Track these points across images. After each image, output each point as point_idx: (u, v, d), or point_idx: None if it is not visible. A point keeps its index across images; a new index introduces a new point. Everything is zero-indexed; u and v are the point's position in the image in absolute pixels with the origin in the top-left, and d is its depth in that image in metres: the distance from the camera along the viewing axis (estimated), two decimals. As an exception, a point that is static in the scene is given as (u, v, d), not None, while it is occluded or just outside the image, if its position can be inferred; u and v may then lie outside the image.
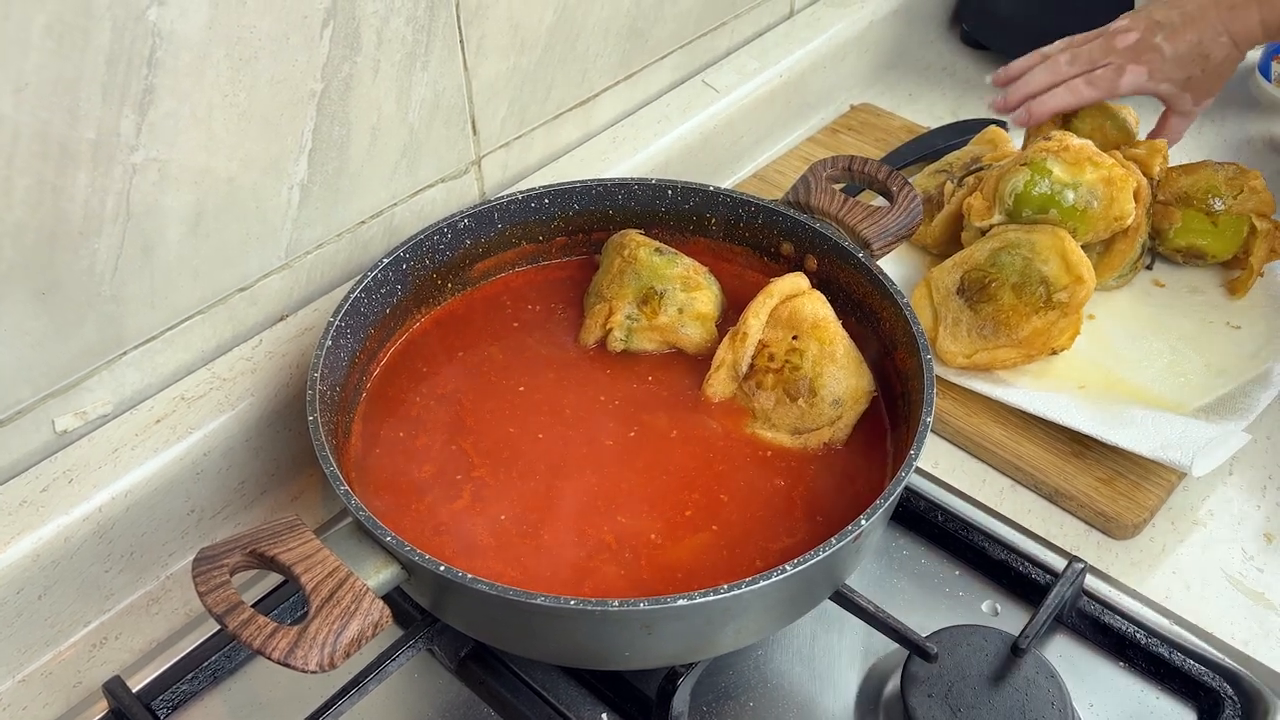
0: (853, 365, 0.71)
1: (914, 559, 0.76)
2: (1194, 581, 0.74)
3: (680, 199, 0.81)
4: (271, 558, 0.55)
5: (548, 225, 0.82)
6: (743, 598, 0.55)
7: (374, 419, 0.72)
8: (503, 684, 0.68)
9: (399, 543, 0.57)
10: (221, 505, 0.75)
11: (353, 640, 0.53)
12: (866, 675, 0.69)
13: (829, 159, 0.81)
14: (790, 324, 0.72)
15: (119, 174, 0.64)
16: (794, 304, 0.73)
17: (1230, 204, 0.90)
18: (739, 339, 0.73)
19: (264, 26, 0.67)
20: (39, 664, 0.69)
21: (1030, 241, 0.83)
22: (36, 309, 0.64)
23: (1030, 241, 0.83)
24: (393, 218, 0.83)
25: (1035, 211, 0.85)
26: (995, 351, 0.83)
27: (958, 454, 0.82)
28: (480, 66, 0.82)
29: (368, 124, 0.76)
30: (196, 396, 0.73)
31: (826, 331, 0.71)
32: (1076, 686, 0.67)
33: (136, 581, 0.73)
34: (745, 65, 1.07)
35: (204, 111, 0.67)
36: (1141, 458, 0.76)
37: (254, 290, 0.76)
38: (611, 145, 0.96)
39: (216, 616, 0.52)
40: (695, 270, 0.77)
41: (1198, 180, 0.91)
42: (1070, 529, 0.77)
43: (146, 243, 0.68)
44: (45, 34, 0.58)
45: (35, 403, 0.67)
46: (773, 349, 0.72)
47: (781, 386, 0.71)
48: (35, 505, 0.66)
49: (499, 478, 0.69)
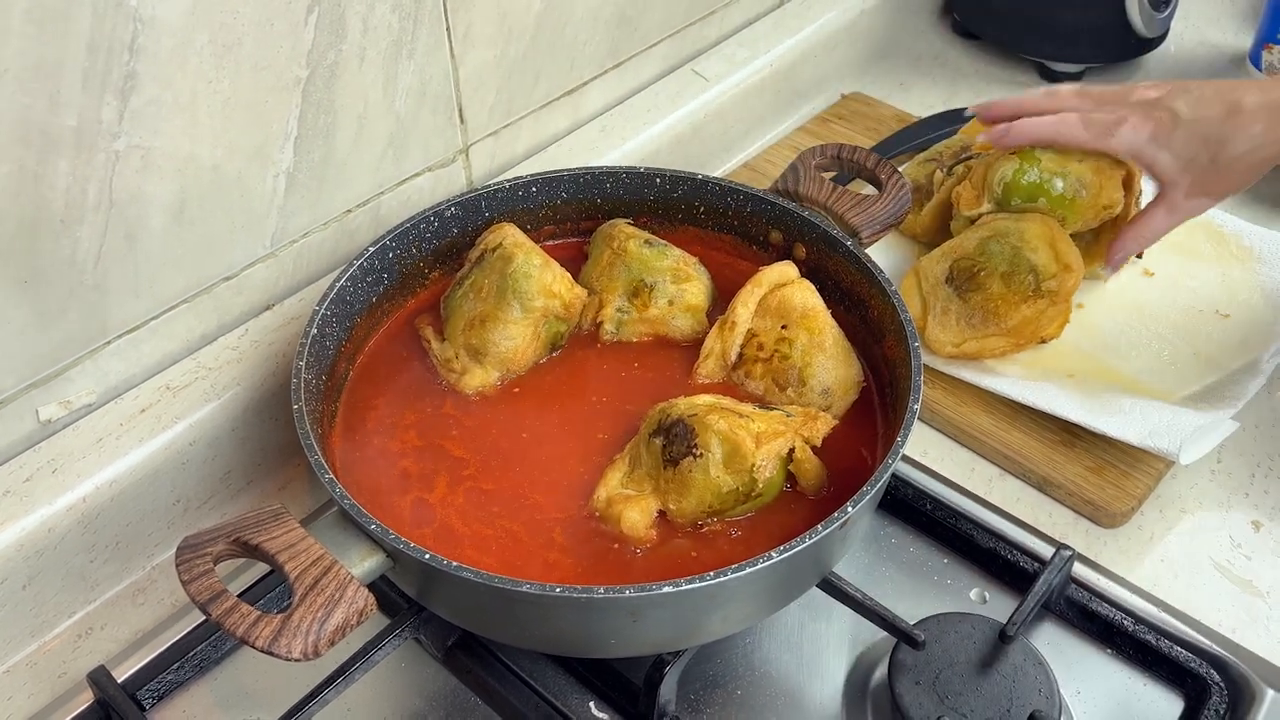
0: (842, 355, 0.71)
1: (902, 547, 0.76)
2: (1182, 569, 0.74)
3: (669, 187, 0.81)
4: (255, 546, 0.55)
5: (535, 214, 0.81)
6: (729, 585, 0.55)
7: (359, 407, 0.72)
8: (490, 672, 0.67)
9: (384, 531, 0.56)
10: (207, 495, 0.75)
11: (337, 628, 0.53)
12: (854, 663, 0.69)
13: (818, 147, 0.81)
14: (779, 313, 0.72)
15: (101, 161, 0.64)
16: (783, 293, 0.73)
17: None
18: (728, 328, 0.72)
19: (247, 12, 0.66)
20: (24, 654, 0.69)
21: (1019, 230, 0.83)
22: (18, 298, 0.64)
23: (1019, 230, 0.83)
24: (379, 206, 0.82)
25: (1024, 200, 0.85)
26: (984, 340, 0.82)
27: (946, 442, 0.82)
28: (467, 55, 0.82)
29: (354, 112, 0.76)
30: (182, 386, 0.73)
31: (816, 321, 0.71)
32: (1064, 673, 0.67)
33: (122, 572, 0.72)
34: (735, 54, 1.06)
35: (187, 98, 0.66)
36: (1130, 446, 0.76)
37: (239, 279, 0.76)
38: (600, 134, 0.96)
39: (200, 605, 0.52)
40: (685, 261, 0.77)
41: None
42: (1059, 517, 0.77)
43: (130, 231, 0.67)
44: (25, 19, 0.57)
45: (18, 392, 0.67)
46: (762, 338, 0.72)
47: (771, 376, 0.71)
48: (19, 495, 0.66)
49: (484, 466, 0.68)
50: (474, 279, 0.74)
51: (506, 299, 0.72)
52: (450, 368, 0.73)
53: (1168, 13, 1.15)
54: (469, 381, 0.72)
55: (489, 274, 0.73)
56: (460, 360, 0.73)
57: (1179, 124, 0.77)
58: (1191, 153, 0.77)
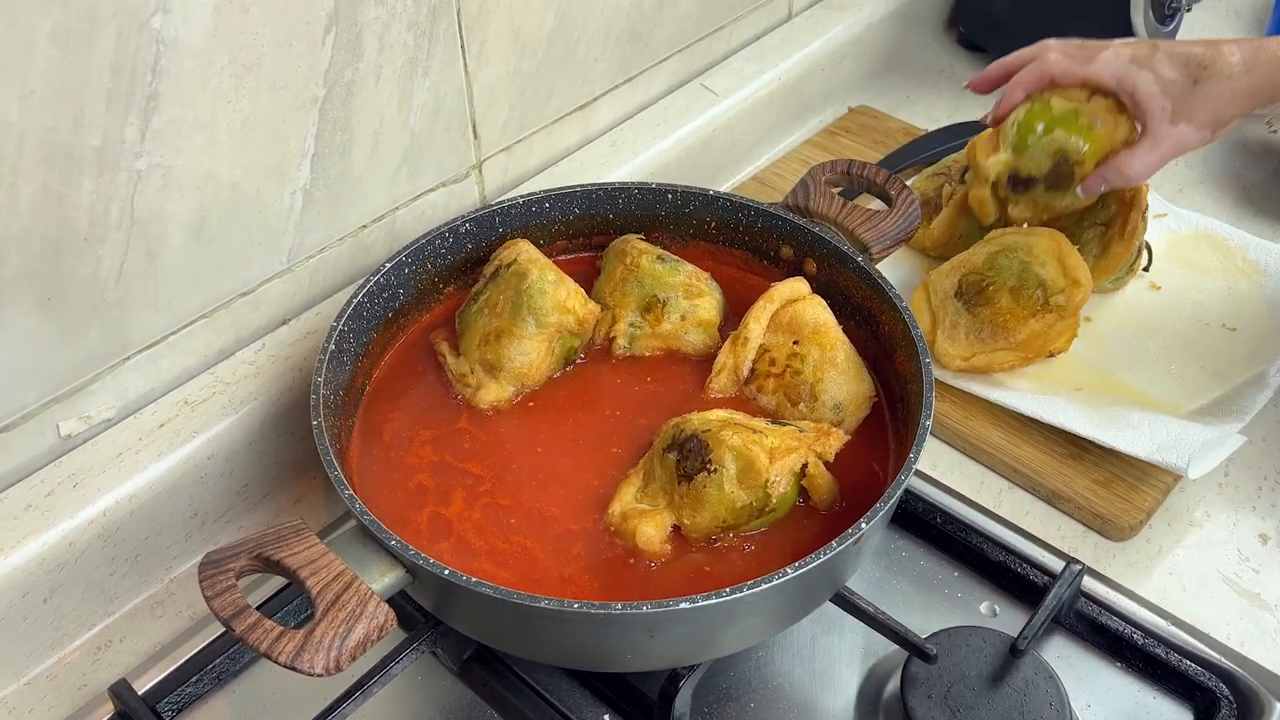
0: (853, 370, 0.72)
1: (913, 560, 0.76)
2: (1190, 583, 0.74)
3: (680, 203, 0.82)
4: (277, 562, 0.55)
5: (548, 229, 0.82)
6: (745, 600, 0.56)
7: (375, 422, 0.73)
8: (505, 686, 0.68)
9: (403, 546, 0.57)
10: (224, 508, 0.76)
11: (358, 644, 0.53)
12: (866, 676, 0.70)
13: (828, 163, 0.81)
14: (791, 329, 0.73)
15: (123, 180, 0.65)
16: (795, 309, 0.73)
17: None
18: (740, 343, 0.73)
19: (266, 33, 0.67)
20: (44, 667, 0.69)
21: (1028, 245, 0.84)
22: (41, 315, 0.65)
23: (1028, 245, 0.84)
24: (394, 222, 0.83)
25: (1042, 136, 0.82)
26: (993, 354, 0.83)
27: (956, 456, 0.83)
28: (481, 71, 0.83)
29: (370, 129, 0.77)
30: (200, 400, 0.73)
31: (827, 336, 0.72)
32: (1074, 687, 0.67)
33: (140, 585, 0.73)
34: (743, 68, 1.07)
35: (207, 117, 0.67)
36: (1138, 460, 0.77)
37: (256, 295, 0.77)
38: (610, 149, 0.97)
39: (223, 620, 0.53)
40: (697, 277, 0.77)
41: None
42: (1067, 531, 0.77)
43: (150, 248, 0.68)
44: (50, 41, 0.58)
45: (40, 407, 0.68)
46: (774, 353, 0.73)
47: (782, 391, 0.72)
48: (40, 509, 0.67)
49: (499, 480, 0.69)
50: (489, 294, 0.75)
51: (521, 314, 0.73)
52: (465, 382, 0.74)
53: (1173, 26, 1.16)
54: (484, 396, 0.73)
55: (504, 289, 0.74)
56: (475, 375, 0.74)
57: (1158, 49, 0.78)
58: (1173, 74, 0.77)
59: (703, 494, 0.64)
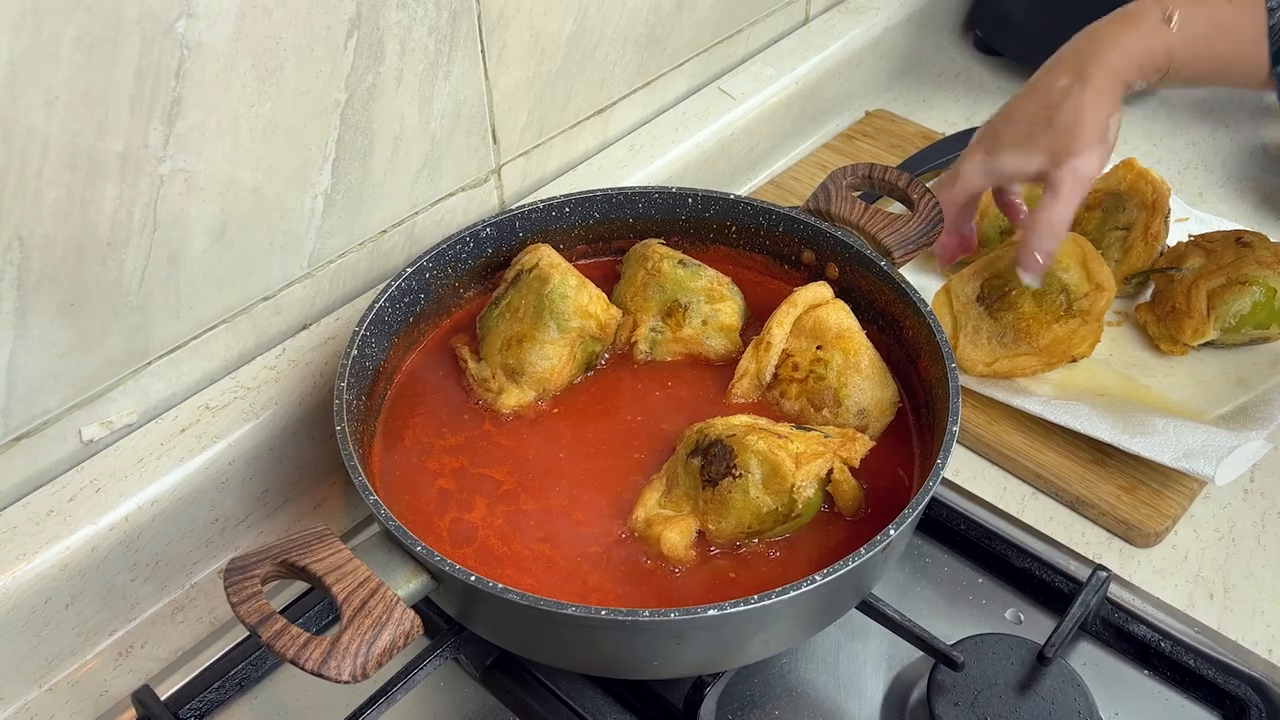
0: (878, 376, 0.72)
1: (937, 567, 0.76)
2: (1217, 590, 0.74)
3: (700, 207, 0.81)
4: (302, 568, 0.55)
5: (569, 233, 0.82)
6: (772, 608, 0.55)
7: (397, 427, 0.72)
8: (528, 692, 0.68)
9: (429, 552, 0.57)
10: (245, 514, 0.76)
11: (384, 650, 0.53)
12: (891, 684, 0.69)
13: (849, 167, 0.81)
14: (814, 334, 0.73)
15: (146, 185, 0.64)
16: (818, 314, 0.73)
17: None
18: (763, 348, 0.73)
19: (289, 38, 0.67)
20: (66, 673, 0.69)
21: (1050, 249, 0.83)
22: (64, 320, 0.65)
23: (1050, 249, 0.83)
24: (414, 226, 0.83)
25: (1255, 329, 0.84)
26: (1016, 359, 0.83)
27: (979, 461, 0.82)
28: (501, 76, 0.83)
29: (390, 133, 0.77)
30: (221, 405, 0.73)
31: (851, 342, 0.71)
32: (1102, 695, 0.67)
33: (161, 590, 0.73)
34: (761, 72, 1.07)
35: (230, 122, 0.67)
36: (1162, 466, 0.76)
37: (277, 299, 0.76)
38: (629, 153, 0.97)
39: (250, 627, 0.53)
40: (719, 282, 0.77)
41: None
42: (1092, 537, 0.77)
43: (172, 253, 0.68)
44: (75, 47, 0.58)
45: (62, 413, 0.68)
46: (797, 359, 0.72)
47: (806, 396, 0.72)
48: (63, 515, 0.67)
49: (521, 486, 0.69)
50: (510, 299, 0.75)
51: (543, 319, 0.72)
52: (487, 387, 0.74)
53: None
54: (506, 401, 0.73)
55: (525, 294, 0.74)
56: (497, 380, 0.74)
57: (992, 125, 0.79)
58: (1026, 131, 0.76)
59: (728, 499, 0.63)
